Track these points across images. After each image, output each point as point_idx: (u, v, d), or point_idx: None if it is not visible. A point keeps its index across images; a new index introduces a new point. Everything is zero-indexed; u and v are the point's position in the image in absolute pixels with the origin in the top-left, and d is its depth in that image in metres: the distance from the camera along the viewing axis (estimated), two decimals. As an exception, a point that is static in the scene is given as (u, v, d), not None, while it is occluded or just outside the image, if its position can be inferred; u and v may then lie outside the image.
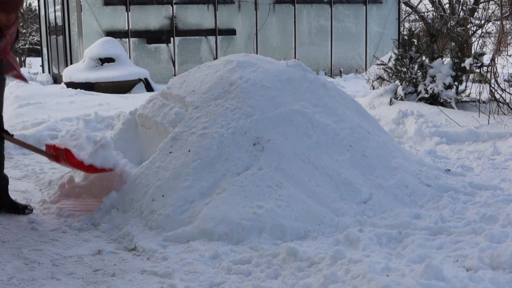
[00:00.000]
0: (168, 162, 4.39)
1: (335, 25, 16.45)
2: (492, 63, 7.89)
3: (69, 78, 12.71)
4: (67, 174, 5.25)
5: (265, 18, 15.69)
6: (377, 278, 2.94)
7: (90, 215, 4.35)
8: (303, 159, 4.38)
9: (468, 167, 5.57)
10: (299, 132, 4.56)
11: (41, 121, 7.76)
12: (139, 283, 3.26)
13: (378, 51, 15.77)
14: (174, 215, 4.02)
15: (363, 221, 4.00)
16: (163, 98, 5.20)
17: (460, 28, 12.21)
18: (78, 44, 14.45)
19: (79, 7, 14.17)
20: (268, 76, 4.90)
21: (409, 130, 6.95)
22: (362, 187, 4.34)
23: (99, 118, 7.85)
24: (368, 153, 4.66)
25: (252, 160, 4.31)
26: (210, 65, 5.30)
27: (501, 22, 9.40)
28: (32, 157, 6.32)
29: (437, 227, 3.85)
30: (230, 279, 3.24)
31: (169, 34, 14.88)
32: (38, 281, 3.30)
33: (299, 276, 3.19)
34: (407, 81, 8.46)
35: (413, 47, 8.53)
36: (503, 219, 3.90)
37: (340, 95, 5.22)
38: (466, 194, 4.55)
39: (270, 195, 4.05)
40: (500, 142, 6.28)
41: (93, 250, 3.79)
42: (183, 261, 3.47)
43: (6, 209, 4.55)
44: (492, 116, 6.95)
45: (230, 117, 4.55)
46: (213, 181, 4.20)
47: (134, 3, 14.53)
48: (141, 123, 5.30)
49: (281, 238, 3.78)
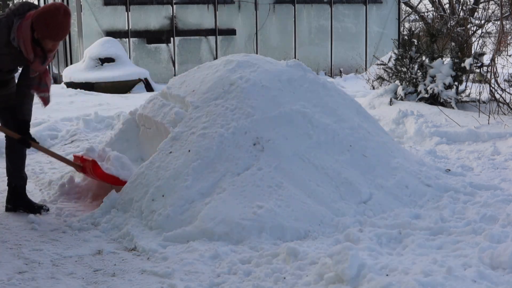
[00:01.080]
0: (168, 162, 4.38)
1: (335, 25, 16.45)
2: (492, 63, 7.89)
3: (69, 78, 12.71)
4: (67, 174, 5.26)
5: (265, 18, 15.68)
6: (377, 278, 2.95)
7: (90, 215, 4.36)
8: (303, 159, 4.38)
9: (468, 167, 5.57)
10: (299, 132, 4.56)
11: (41, 121, 7.76)
12: (139, 283, 3.26)
13: (378, 51, 15.76)
14: (174, 215, 4.02)
15: (363, 221, 4.00)
16: (163, 98, 5.20)
17: (460, 28, 12.21)
18: (78, 44, 14.45)
19: (79, 7, 14.17)
20: (268, 76, 4.90)
21: (409, 130, 6.95)
22: (362, 187, 4.34)
23: (99, 118, 7.85)
24: (368, 153, 4.66)
25: (252, 160, 4.31)
26: (210, 65, 5.30)
27: (501, 22, 9.40)
28: (32, 157, 6.31)
29: (437, 227, 3.85)
30: (230, 279, 3.24)
31: (169, 34, 14.88)
32: (38, 281, 3.30)
33: (299, 276, 3.19)
34: (407, 81, 8.46)
35: (413, 47, 8.53)
36: (503, 219, 3.90)
37: (340, 95, 5.21)
38: (466, 194, 4.55)
39: (270, 195, 4.05)
40: (500, 142, 6.27)
41: (93, 250, 3.79)
42: (183, 261, 3.47)
43: (23, 209, 4.57)
44: (492, 116, 6.95)
45: (230, 117, 4.54)
46: (213, 181, 4.20)
47: (134, 3, 14.53)
48: (141, 123, 5.30)
49: (281, 238, 3.79)
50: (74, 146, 6.83)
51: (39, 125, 7.60)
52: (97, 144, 5.74)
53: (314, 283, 3.09)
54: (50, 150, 5.03)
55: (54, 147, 6.89)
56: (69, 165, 4.91)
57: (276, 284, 3.16)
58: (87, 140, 7.03)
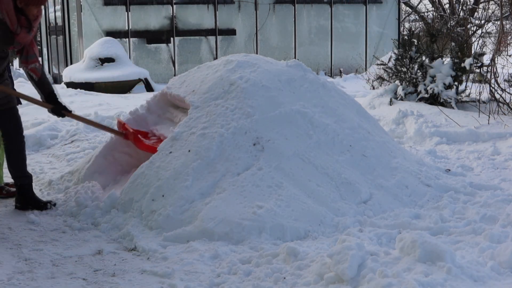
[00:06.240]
0: (168, 162, 4.39)
1: (335, 25, 16.45)
2: (492, 63, 7.89)
3: (69, 78, 12.71)
4: (67, 174, 5.26)
5: (265, 18, 15.69)
6: (377, 278, 2.95)
7: (91, 215, 4.36)
8: (303, 159, 4.38)
9: (468, 167, 5.57)
10: (299, 132, 4.56)
11: (41, 121, 7.77)
12: (139, 283, 3.26)
13: (378, 51, 15.77)
14: (174, 215, 4.02)
15: (363, 221, 4.00)
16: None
17: (460, 28, 12.21)
18: (78, 44, 14.45)
19: (79, 7, 14.17)
20: (268, 76, 4.90)
21: (409, 130, 6.95)
22: (362, 187, 4.34)
23: (99, 118, 7.85)
24: (368, 153, 4.66)
25: (252, 160, 4.31)
26: (210, 65, 5.30)
27: (501, 22, 9.40)
28: (32, 157, 6.31)
29: (437, 227, 3.86)
30: (230, 279, 3.24)
31: (169, 34, 14.88)
32: (38, 281, 3.30)
33: (299, 276, 3.19)
34: (407, 81, 8.46)
35: (413, 47, 8.53)
36: (503, 219, 3.90)
37: (340, 95, 5.21)
38: (466, 194, 4.55)
39: (270, 195, 4.05)
40: (500, 142, 6.27)
41: (93, 250, 3.79)
42: (183, 261, 3.47)
43: (32, 207, 4.60)
44: (492, 116, 6.95)
45: (230, 117, 4.55)
46: (213, 181, 4.20)
47: (134, 3, 14.53)
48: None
49: (281, 238, 3.79)
50: (74, 146, 6.83)
51: (39, 125, 7.61)
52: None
53: (314, 283, 3.09)
54: (87, 118, 5.17)
55: (54, 147, 6.89)
56: (112, 133, 5.06)
57: (276, 284, 3.16)
58: (87, 140, 7.03)
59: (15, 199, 4.70)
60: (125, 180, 4.82)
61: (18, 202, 4.66)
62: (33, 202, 4.63)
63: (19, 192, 4.67)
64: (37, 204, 4.61)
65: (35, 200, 4.65)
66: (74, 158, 6.24)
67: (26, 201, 4.63)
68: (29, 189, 4.68)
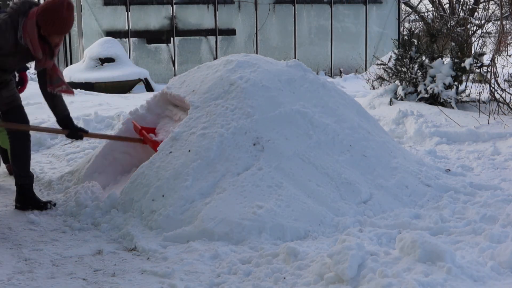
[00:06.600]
0: (168, 162, 4.38)
1: (335, 25, 16.44)
2: (492, 63, 7.89)
3: (69, 78, 12.68)
4: (67, 174, 5.26)
5: (265, 18, 15.68)
6: (377, 278, 2.95)
7: (91, 215, 4.36)
8: (303, 159, 4.38)
9: (468, 167, 5.57)
10: (299, 132, 4.56)
11: (41, 121, 7.75)
12: (139, 283, 3.26)
13: (378, 51, 15.76)
14: (174, 215, 4.02)
15: (363, 221, 4.00)
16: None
17: (460, 28, 12.20)
18: (78, 44, 14.45)
19: (79, 7, 14.16)
20: (268, 76, 4.90)
21: (409, 130, 6.95)
22: (362, 187, 4.34)
23: (99, 118, 7.84)
24: (368, 153, 4.66)
25: (252, 160, 4.31)
26: (210, 65, 5.30)
27: (501, 22, 9.40)
28: (32, 157, 6.27)
29: (437, 227, 3.86)
30: (230, 279, 3.24)
31: (169, 34, 14.87)
32: (38, 281, 3.30)
33: (299, 276, 3.19)
34: (407, 81, 8.46)
35: (413, 47, 8.53)
36: (503, 219, 3.90)
37: (340, 95, 5.21)
38: (466, 194, 4.55)
39: (270, 195, 4.05)
40: (500, 142, 6.27)
41: (93, 250, 3.79)
42: (183, 261, 3.47)
43: (32, 207, 4.61)
44: (492, 116, 6.95)
45: (230, 117, 4.54)
46: (213, 181, 4.20)
47: (134, 3, 14.53)
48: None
49: (281, 238, 3.79)
50: (74, 146, 6.82)
51: (39, 125, 7.59)
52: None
53: (314, 283, 3.09)
54: (105, 134, 5.18)
55: (54, 147, 6.89)
56: (131, 141, 5.07)
57: (276, 284, 3.16)
58: (87, 140, 7.02)
59: (15, 199, 4.70)
60: (125, 180, 4.82)
61: (18, 202, 4.67)
62: (33, 202, 4.64)
63: (19, 192, 4.67)
64: (37, 204, 4.62)
65: (35, 200, 4.66)
66: (74, 158, 6.24)
67: (26, 201, 4.63)
68: (29, 189, 4.69)
